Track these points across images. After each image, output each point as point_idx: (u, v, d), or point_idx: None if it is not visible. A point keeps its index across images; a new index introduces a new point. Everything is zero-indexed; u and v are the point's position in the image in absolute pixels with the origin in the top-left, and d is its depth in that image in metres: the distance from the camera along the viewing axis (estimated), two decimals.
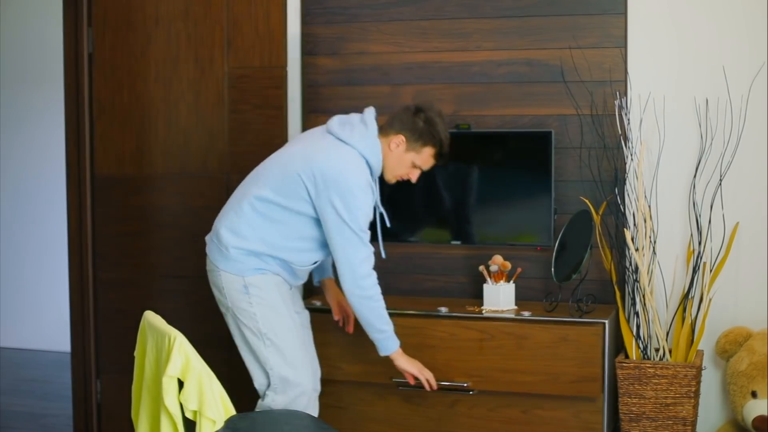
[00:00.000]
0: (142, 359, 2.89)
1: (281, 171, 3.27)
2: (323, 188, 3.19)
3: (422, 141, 3.33)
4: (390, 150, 3.32)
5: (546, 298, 3.78)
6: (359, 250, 3.21)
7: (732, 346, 3.67)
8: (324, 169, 3.20)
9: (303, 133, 3.57)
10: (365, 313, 3.27)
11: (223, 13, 4.15)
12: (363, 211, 3.21)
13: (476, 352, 3.61)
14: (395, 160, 3.34)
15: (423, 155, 3.36)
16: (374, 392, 3.73)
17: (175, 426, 2.60)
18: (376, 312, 3.28)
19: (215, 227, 3.33)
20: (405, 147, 3.33)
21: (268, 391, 3.27)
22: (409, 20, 4.06)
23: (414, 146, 3.33)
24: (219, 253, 3.27)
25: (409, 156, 3.34)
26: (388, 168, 3.36)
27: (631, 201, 3.74)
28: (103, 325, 4.39)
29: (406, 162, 3.36)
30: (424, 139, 3.33)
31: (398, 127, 3.33)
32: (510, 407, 3.60)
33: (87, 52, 4.32)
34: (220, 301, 3.33)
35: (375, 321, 3.28)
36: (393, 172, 3.38)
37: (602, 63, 3.84)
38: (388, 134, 3.33)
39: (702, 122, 3.77)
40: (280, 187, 3.24)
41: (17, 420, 4.98)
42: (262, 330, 3.22)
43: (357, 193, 3.19)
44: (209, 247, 3.34)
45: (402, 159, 3.34)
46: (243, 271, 3.23)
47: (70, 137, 4.39)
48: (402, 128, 3.32)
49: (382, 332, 3.31)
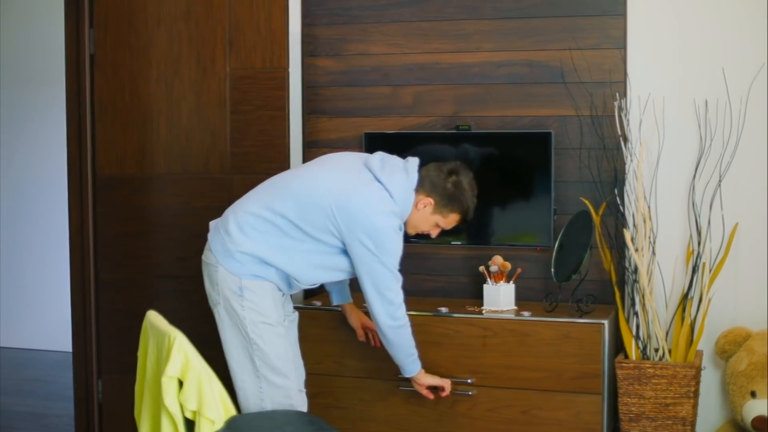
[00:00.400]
0: (144, 359, 2.89)
1: (309, 197, 3.19)
2: (354, 227, 3.16)
3: (450, 207, 3.31)
4: (417, 209, 3.30)
5: (546, 298, 3.79)
6: (391, 283, 3.22)
7: (731, 347, 3.68)
8: (358, 210, 3.15)
9: (338, 155, 3.46)
10: (398, 341, 3.32)
11: (225, 14, 4.16)
12: (394, 248, 3.21)
13: (479, 348, 3.62)
14: (420, 219, 3.33)
15: (448, 219, 3.34)
16: (374, 392, 3.74)
17: (176, 426, 2.60)
18: (407, 338, 3.33)
19: (226, 218, 3.27)
20: (432, 209, 3.31)
21: (252, 390, 3.24)
22: (410, 21, 4.06)
23: (441, 210, 3.31)
24: (224, 250, 3.22)
25: (434, 218, 3.33)
26: (411, 224, 3.34)
27: (631, 201, 3.74)
28: (105, 325, 4.40)
29: (431, 222, 3.34)
30: (451, 206, 3.31)
31: (428, 188, 3.29)
32: (510, 407, 3.61)
33: (88, 52, 4.33)
34: (210, 294, 3.30)
35: (407, 346, 3.35)
36: (415, 228, 3.37)
37: (602, 64, 3.85)
38: (418, 193, 3.29)
39: (701, 123, 3.77)
40: (306, 213, 3.18)
41: (19, 420, 4.99)
42: (249, 335, 3.20)
43: (390, 233, 3.18)
44: (214, 239, 3.27)
45: (427, 219, 3.33)
46: (242, 274, 3.21)
47: (71, 138, 4.40)
48: (432, 191, 3.29)
49: (411, 355, 3.38)
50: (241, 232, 3.21)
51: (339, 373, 3.75)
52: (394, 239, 3.20)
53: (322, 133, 4.18)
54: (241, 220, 3.23)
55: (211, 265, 3.26)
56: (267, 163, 4.05)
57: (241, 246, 3.20)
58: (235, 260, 3.21)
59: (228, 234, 3.23)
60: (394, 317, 3.25)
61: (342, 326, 3.72)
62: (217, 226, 3.30)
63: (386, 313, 3.24)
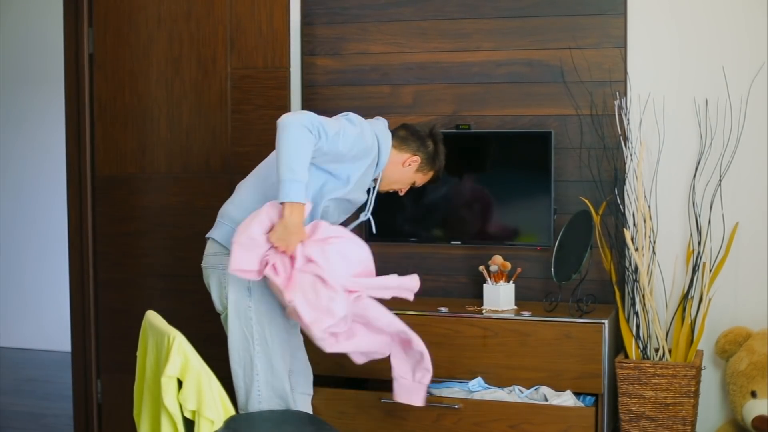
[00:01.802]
0: (143, 359, 2.89)
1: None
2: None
3: (430, 166, 3.42)
4: (402, 166, 3.37)
5: (546, 298, 3.79)
6: (312, 116, 3.06)
7: (732, 346, 3.68)
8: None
9: None
10: (277, 143, 3.05)
11: (226, 14, 4.16)
12: (354, 134, 3.14)
13: (479, 348, 3.62)
14: (402, 176, 3.39)
15: (426, 177, 3.45)
16: (355, 405, 3.70)
17: (175, 426, 2.60)
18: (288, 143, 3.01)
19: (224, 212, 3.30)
20: (417, 167, 3.39)
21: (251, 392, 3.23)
22: (409, 20, 4.06)
23: (423, 169, 3.41)
24: (227, 232, 3.21)
25: (415, 176, 3.41)
26: (389, 179, 3.39)
27: (631, 201, 3.74)
28: (104, 325, 4.40)
29: (410, 180, 3.42)
30: (431, 165, 3.42)
31: (415, 147, 3.38)
32: (497, 421, 3.55)
33: (87, 52, 4.33)
34: (216, 301, 3.29)
35: (283, 150, 3.02)
36: (391, 185, 3.42)
37: (602, 63, 3.85)
38: (404, 151, 3.37)
39: (702, 122, 3.77)
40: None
41: (18, 420, 4.99)
42: (254, 335, 3.20)
43: (355, 126, 3.17)
44: (219, 231, 3.27)
45: (408, 177, 3.41)
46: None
47: (70, 137, 4.40)
48: (419, 150, 3.38)
49: (291, 170, 2.99)
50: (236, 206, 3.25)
51: (343, 373, 3.74)
52: (353, 131, 3.14)
53: None
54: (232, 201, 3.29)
55: (217, 268, 3.24)
56: None
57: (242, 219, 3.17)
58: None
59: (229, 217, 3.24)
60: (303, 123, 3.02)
61: None
62: (217, 224, 3.30)
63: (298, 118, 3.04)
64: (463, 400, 3.57)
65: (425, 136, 3.41)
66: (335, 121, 3.16)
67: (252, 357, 3.19)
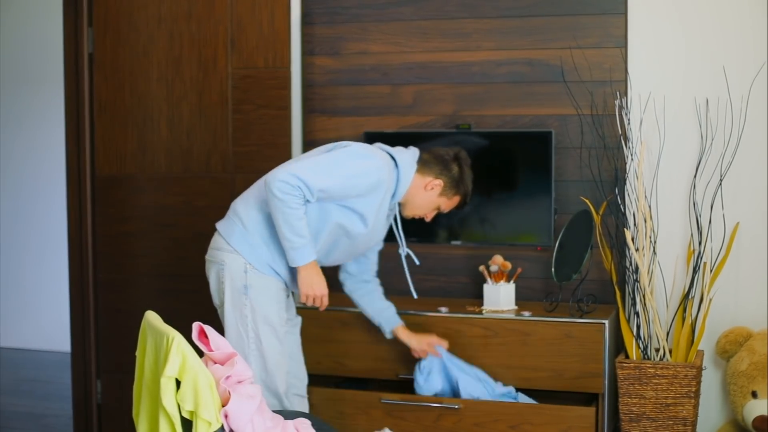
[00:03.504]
0: (142, 359, 2.88)
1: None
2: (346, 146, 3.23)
3: (455, 190, 3.37)
4: (424, 190, 3.34)
5: (546, 298, 3.78)
6: (303, 168, 3.09)
7: (732, 346, 3.67)
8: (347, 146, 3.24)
9: None
10: (272, 212, 3.13)
11: (226, 14, 4.16)
12: (354, 170, 3.15)
13: (480, 348, 3.61)
14: (425, 200, 3.36)
15: (451, 202, 3.40)
16: (355, 405, 3.69)
17: (173, 426, 2.59)
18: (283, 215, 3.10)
19: (233, 208, 3.31)
20: (440, 191, 3.35)
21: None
22: (410, 20, 4.06)
23: (447, 193, 3.36)
24: (233, 228, 3.23)
25: (439, 200, 3.37)
26: (413, 205, 3.36)
27: (632, 201, 3.74)
28: (104, 325, 4.40)
29: (434, 204, 3.38)
30: (456, 189, 3.37)
31: (437, 171, 3.34)
32: (497, 421, 3.55)
33: (87, 51, 4.33)
34: (214, 295, 3.29)
35: (281, 223, 3.11)
36: (415, 210, 3.38)
37: (602, 63, 3.84)
38: (426, 175, 3.34)
39: (702, 122, 3.77)
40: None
41: (17, 420, 4.99)
42: (249, 334, 3.21)
43: (370, 163, 3.17)
44: (223, 224, 3.28)
45: (432, 201, 3.36)
46: (252, 258, 3.20)
47: (70, 137, 4.40)
48: (441, 173, 3.34)
49: (288, 240, 3.13)
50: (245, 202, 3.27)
51: (344, 372, 3.73)
52: (362, 169, 3.16)
53: (322, 132, 4.17)
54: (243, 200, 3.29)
55: (217, 263, 3.25)
56: (269, 163, 4.02)
57: (251, 215, 3.22)
58: (246, 242, 3.21)
59: (237, 214, 3.25)
60: (273, 186, 3.07)
61: (342, 327, 3.71)
62: (227, 216, 3.31)
63: (271, 177, 3.09)
64: (463, 400, 3.56)
65: (449, 160, 3.35)
66: (325, 165, 3.13)
67: (247, 355, 3.19)
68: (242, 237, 3.22)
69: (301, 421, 2.91)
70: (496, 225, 3.94)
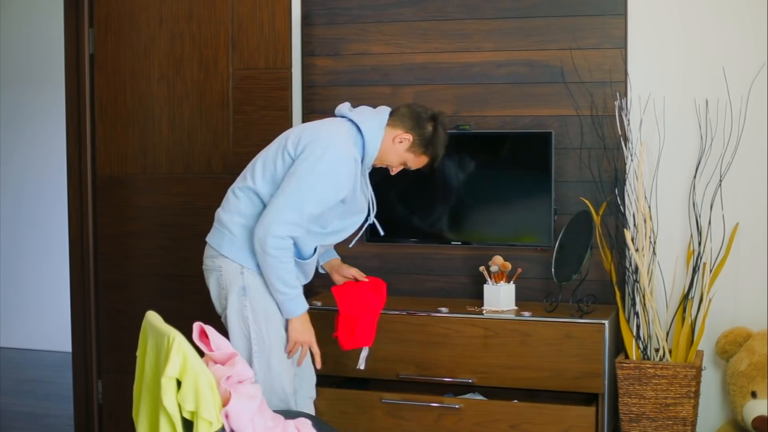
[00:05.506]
0: (143, 359, 2.89)
1: (272, 157, 3.27)
2: (302, 150, 3.19)
3: (423, 149, 3.33)
4: (392, 142, 3.31)
5: (546, 298, 3.79)
6: (287, 211, 3.12)
7: (732, 347, 3.68)
8: (311, 133, 3.21)
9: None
10: (265, 270, 3.18)
11: (227, 15, 4.16)
12: (326, 181, 3.15)
13: (480, 349, 3.62)
14: (391, 152, 3.33)
15: (418, 160, 3.36)
16: (356, 405, 3.70)
17: (174, 427, 2.60)
18: (276, 272, 3.16)
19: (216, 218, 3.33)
20: (408, 146, 3.32)
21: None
22: (410, 21, 4.06)
23: (415, 150, 3.33)
24: (221, 237, 3.25)
25: (405, 155, 3.34)
26: (380, 155, 3.34)
27: (631, 201, 3.74)
28: (105, 326, 4.40)
29: (400, 158, 3.35)
30: (425, 149, 3.33)
31: (409, 126, 3.31)
32: (498, 421, 3.56)
33: (88, 52, 4.33)
34: (216, 302, 3.30)
35: (274, 280, 3.18)
36: (382, 160, 3.36)
37: (602, 64, 3.85)
38: (397, 128, 3.31)
39: (702, 123, 3.77)
40: (270, 173, 3.24)
41: (18, 420, 4.99)
42: (252, 336, 3.21)
43: (332, 158, 3.15)
44: (211, 236, 3.31)
45: (398, 155, 3.33)
46: (245, 261, 3.22)
47: (71, 137, 4.41)
48: (413, 129, 3.31)
49: (282, 293, 3.20)
50: (230, 213, 3.27)
51: (344, 373, 3.74)
52: (334, 169, 3.15)
53: None
54: (224, 209, 3.30)
55: (214, 256, 3.26)
56: None
57: (235, 220, 3.24)
58: (236, 246, 3.22)
59: (221, 223, 3.27)
60: (265, 243, 3.11)
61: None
62: (214, 227, 3.33)
63: (261, 234, 3.11)
64: (464, 400, 3.57)
65: (425, 119, 3.33)
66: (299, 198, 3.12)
67: (251, 357, 3.20)
68: (231, 243, 3.23)
69: (301, 420, 2.92)
70: (496, 225, 3.95)
